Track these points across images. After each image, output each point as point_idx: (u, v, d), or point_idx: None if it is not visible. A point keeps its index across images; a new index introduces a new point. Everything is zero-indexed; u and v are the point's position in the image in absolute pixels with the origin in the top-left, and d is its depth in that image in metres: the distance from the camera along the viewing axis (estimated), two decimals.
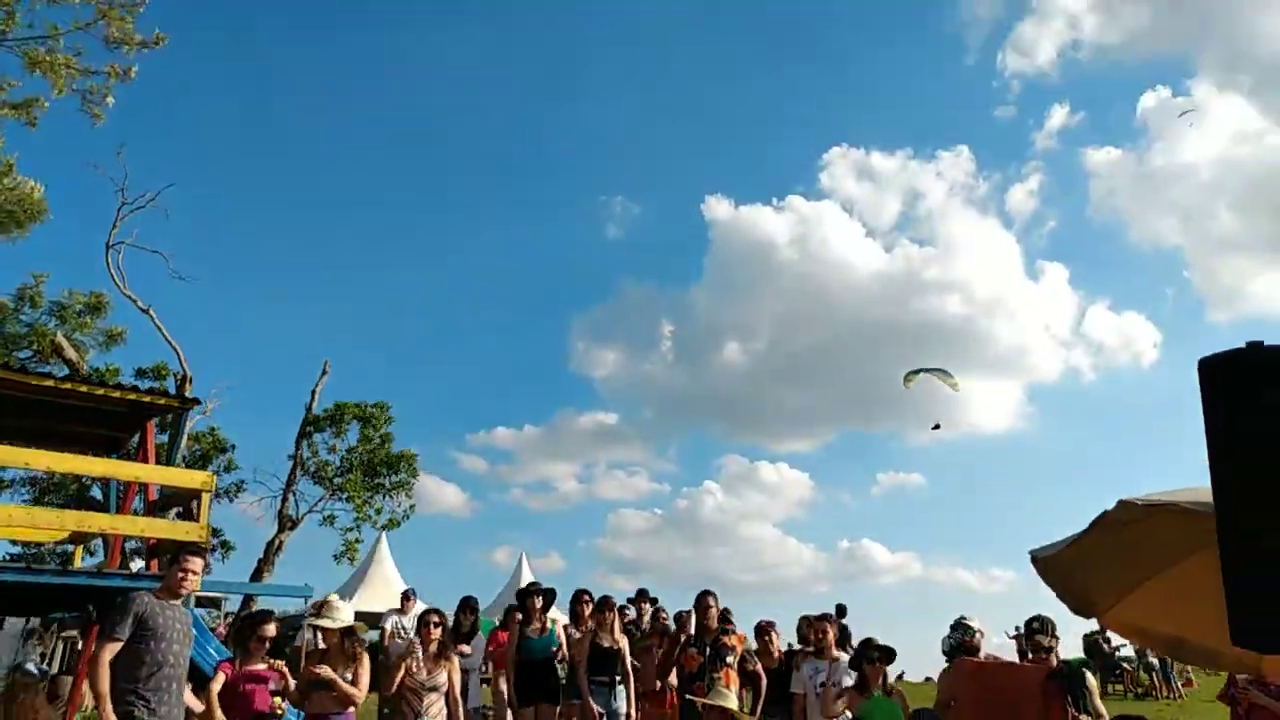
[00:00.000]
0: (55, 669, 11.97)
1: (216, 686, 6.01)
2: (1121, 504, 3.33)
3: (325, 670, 5.92)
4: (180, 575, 5.11)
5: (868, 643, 5.75)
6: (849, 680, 6.26)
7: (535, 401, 47.20)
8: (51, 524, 6.68)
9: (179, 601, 5.13)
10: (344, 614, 6.20)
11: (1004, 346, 43.27)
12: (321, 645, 6.43)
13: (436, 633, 6.54)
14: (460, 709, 6.58)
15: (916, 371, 14.12)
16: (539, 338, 43.58)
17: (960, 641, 5.57)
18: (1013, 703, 3.98)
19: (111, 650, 4.83)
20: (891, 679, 6.71)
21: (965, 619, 6.04)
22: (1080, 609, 4.07)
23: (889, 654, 5.50)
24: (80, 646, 10.27)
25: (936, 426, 15.35)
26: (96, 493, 14.38)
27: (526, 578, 8.09)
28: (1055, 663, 4.90)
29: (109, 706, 4.60)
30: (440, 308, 40.39)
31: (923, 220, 44.44)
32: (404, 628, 9.64)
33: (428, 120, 40.79)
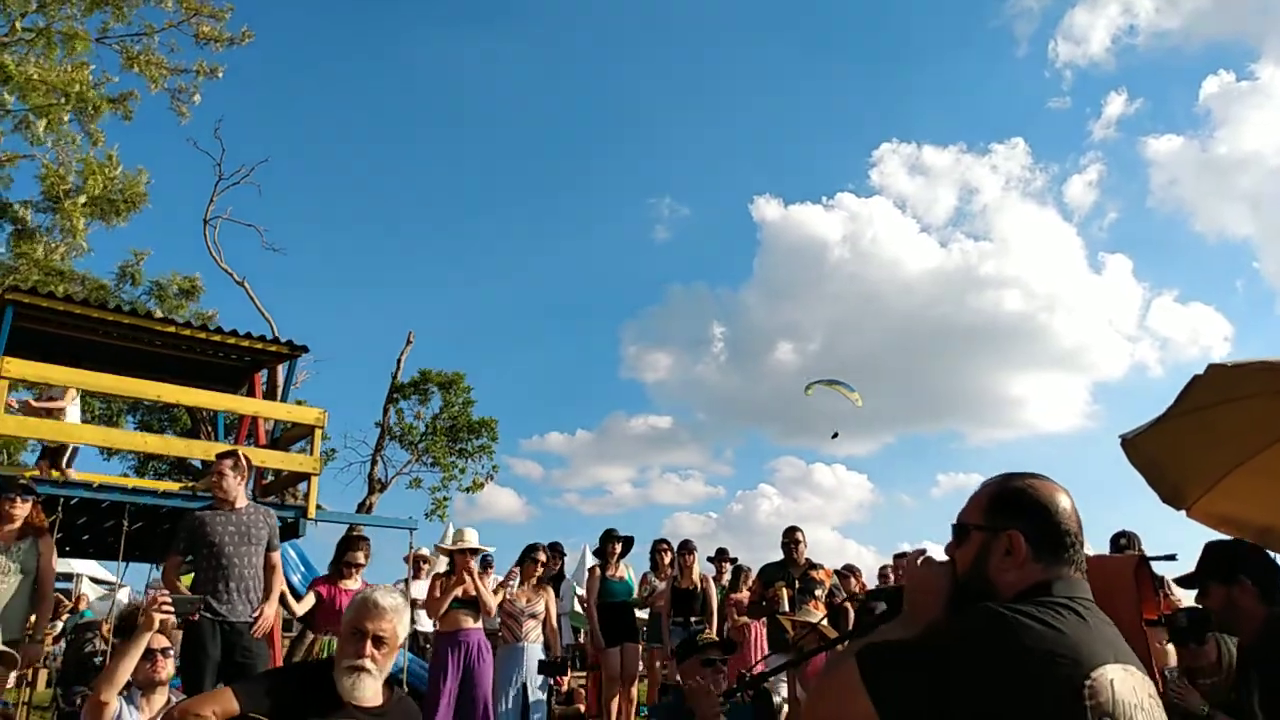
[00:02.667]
0: None
1: (304, 606, 6.66)
2: (1212, 368, 3.46)
3: (469, 581, 6.35)
4: (215, 479, 5.48)
5: None
6: None
7: (587, 406, 47.44)
8: (179, 451, 7.21)
9: (232, 508, 5.42)
10: (475, 539, 6.64)
11: (1066, 342, 42.13)
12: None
13: (539, 569, 7.01)
14: (558, 637, 6.98)
15: (816, 382, 14.43)
16: (589, 343, 43.82)
17: None
18: (1103, 592, 4.09)
19: (173, 565, 5.42)
20: None
21: None
22: (1170, 498, 4.20)
23: None
24: None
25: (835, 435, 15.48)
26: (196, 464, 15.06)
27: (590, 563, 8.45)
28: None
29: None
30: (489, 316, 41.02)
31: (978, 215, 43.50)
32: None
33: (480, 124, 41.41)
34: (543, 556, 7.08)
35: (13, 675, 7.59)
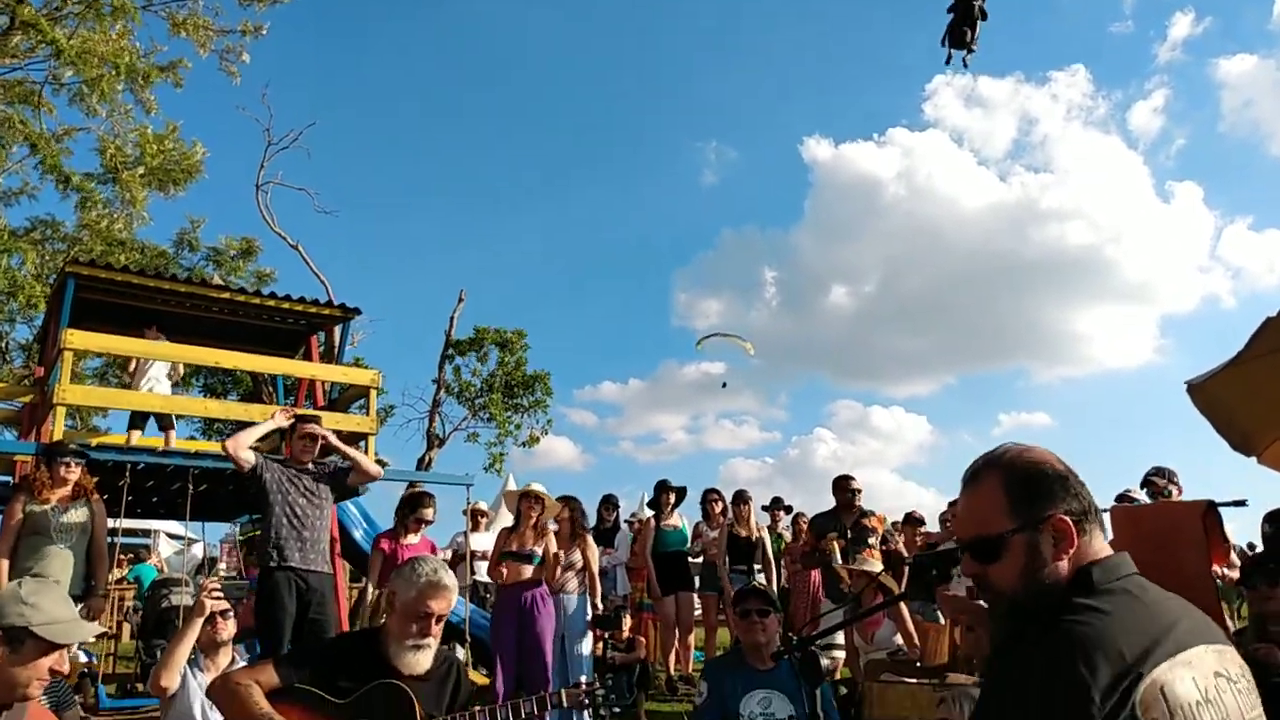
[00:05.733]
0: None
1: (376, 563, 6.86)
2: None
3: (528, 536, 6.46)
4: (300, 444, 5.71)
5: None
6: None
7: (639, 355, 47.36)
8: (238, 414, 7.39)
9: (306, 470, 5.67)
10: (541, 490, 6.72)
11: (1133, 275, 40.52)
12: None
13: (569, 520, 7.03)
14: (598, 585, 7.01)
15: (708, 336, 14.43)
16: (640, 292, 43.52)
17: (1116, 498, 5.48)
18: (1171, 542, 3.93)
19: None
20: None
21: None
22: (1239, 445, 4.03)
23: None
24: None
25: (724, 385, 15.86)
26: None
27: (647, 514, 8.56)
28: None
29: None
30: (540, 271, 40.93)
31: (1038, 146, 41.72)
32: None
33: (525, 80, 40.92)
34: (566, 512, 7.07)
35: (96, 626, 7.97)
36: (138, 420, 8.00)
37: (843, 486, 7.16)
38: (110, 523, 6.07)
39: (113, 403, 7.83)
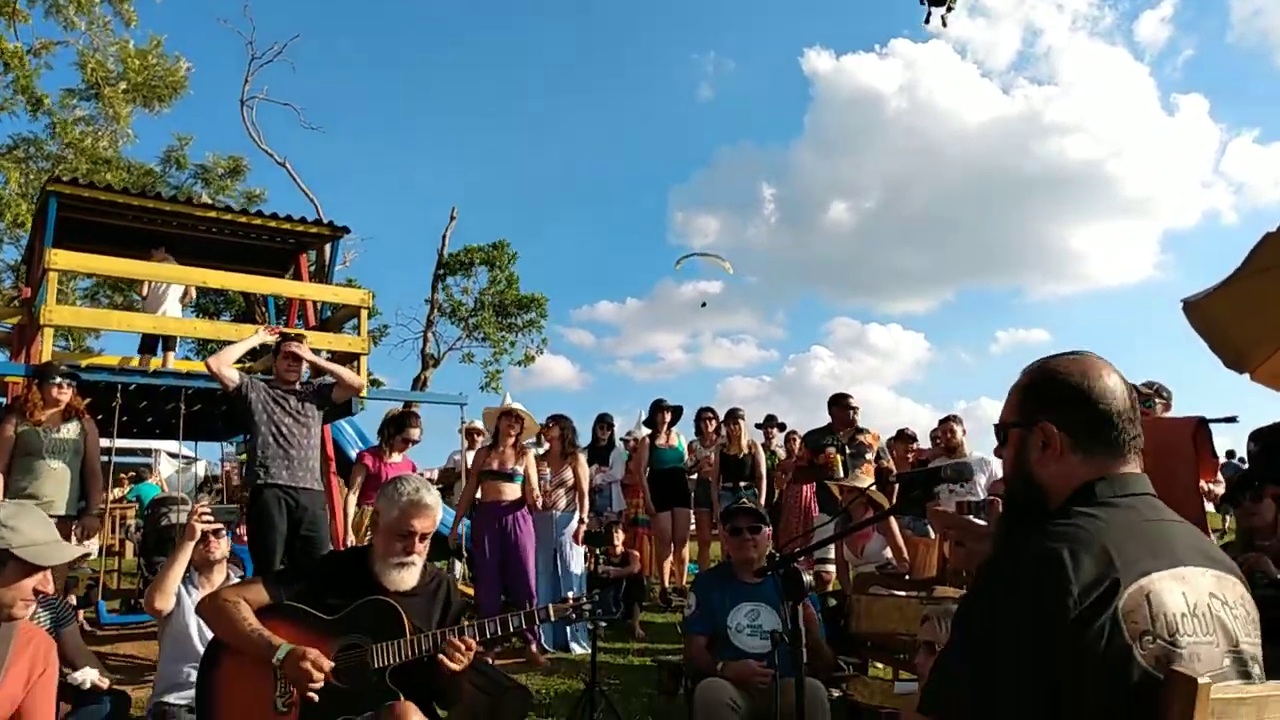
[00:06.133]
0: None
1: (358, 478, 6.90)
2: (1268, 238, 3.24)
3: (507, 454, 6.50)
4: (284, 364, 5.65)
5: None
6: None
7: (635, 274, 47.03)
8: (230, 335, 7.34)
9: (292, 390, 5.62)
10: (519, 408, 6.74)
11: (1135, 190, 39.98)
12: None
13: (559, 438, 7.07)
14: (587, 501, 7.12)
15: (686, 256, 14.81)
16: (636, 210, 42.89)
17: None
18: (1162, 457, 3.92)
19: None
20: None
21: None
22: (1233, 363, 4.01)
23: None
24: None
25: (704, 305, 16.22)
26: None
27: (644, 433, 8.60)
28: None
29: None
30: (535, 189, 40.24)
31: (1042, 58, 40.68)
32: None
33: None
34: (551, 425, 7.13)
35: (94, 544, 8.08)
36: (149, 344, 7.97)
37: (841, 403, 7.16)
38: (104, 443, 6.08)
39: (101, 323, 7.78)
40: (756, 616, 3.67)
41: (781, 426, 10.24)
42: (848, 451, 7.01)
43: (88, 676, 4.04)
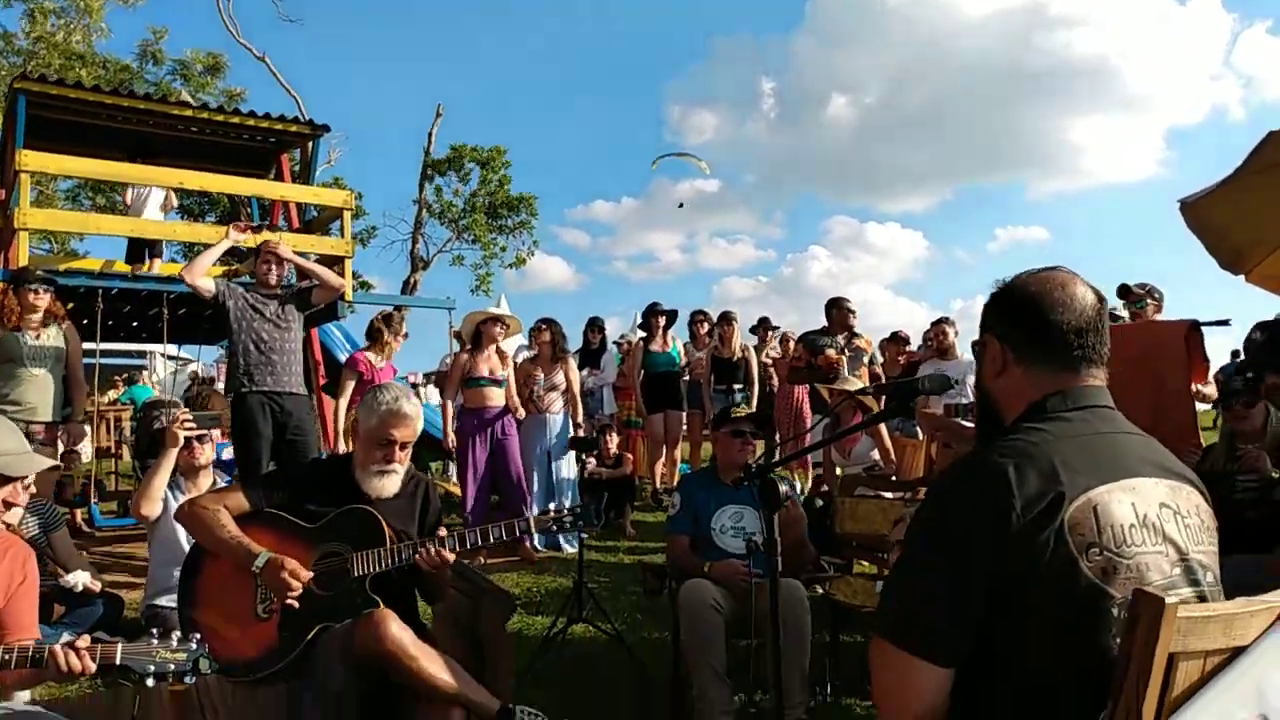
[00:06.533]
0: None
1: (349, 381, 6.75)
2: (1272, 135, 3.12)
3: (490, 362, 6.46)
4: (264, 267, 5.53)
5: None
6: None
7: (631, 173, 46.15)
8: (209, 238, 7.19)
9: (273, 295, 5.51)
10: (504, 308, 6.69)
11: (1140, 85, 38.99)
12: None
13: (548, 343, 7.02)
14: (579, 405, 7.14)
15: (663, 156, 14.85)
16: (629, 107, 41.70)
17: None
18: (1153, 359, 3.88)
19: None
20: None
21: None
22: (1229, 264, 3.93)
23: None
24: None
25: (680, 206, 16.32)
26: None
27: (638, 336, 8.54)
28: None
29: None
30: (524, 84, 39.02)
31: None
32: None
33: None
34: (544, 328, 7.07)
35: (88, 446, 8.11)
36: (136, 253, 7.80)
37: (840, 306, 7.11)
38: (88, 345, 6.02)
39: (77, 226, 7.62)
40: (741, 518, 3.70)
41: (774, 328, 10.21)
42: (846, 355, 6.98)
43: (79, 579, 4.11)
